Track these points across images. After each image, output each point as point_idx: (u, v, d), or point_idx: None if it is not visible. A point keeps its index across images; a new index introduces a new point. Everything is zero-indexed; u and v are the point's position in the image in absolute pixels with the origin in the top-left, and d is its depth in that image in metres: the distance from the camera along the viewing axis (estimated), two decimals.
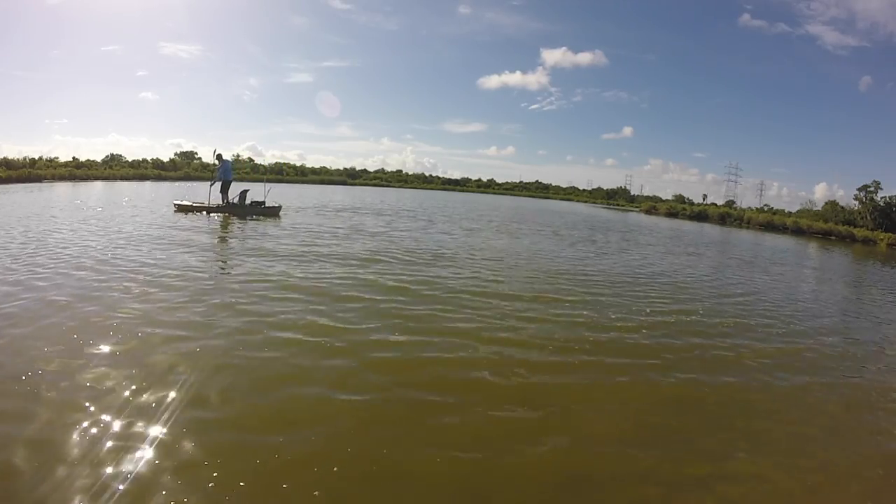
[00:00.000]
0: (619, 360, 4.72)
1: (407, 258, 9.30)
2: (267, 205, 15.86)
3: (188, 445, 2.83)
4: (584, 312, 6.28)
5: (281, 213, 16.08)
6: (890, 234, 32.87)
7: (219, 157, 15.55)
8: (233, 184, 15.85)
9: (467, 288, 7.09)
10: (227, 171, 15.58)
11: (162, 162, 49.29)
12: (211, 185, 15.71)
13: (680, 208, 50.96)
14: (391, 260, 8.96)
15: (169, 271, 6.79)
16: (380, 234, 12.97)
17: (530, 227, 19.98)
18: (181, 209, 14.99)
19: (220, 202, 15.35)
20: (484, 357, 4.51)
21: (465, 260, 9.68)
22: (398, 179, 73.04)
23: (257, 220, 14.35)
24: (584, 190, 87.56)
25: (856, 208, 40.69)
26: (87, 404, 3.16)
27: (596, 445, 3.27)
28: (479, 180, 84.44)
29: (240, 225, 13.09)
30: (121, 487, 2.44)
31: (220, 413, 3.23)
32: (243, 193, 15.60)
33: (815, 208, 47.25)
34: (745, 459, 3.24)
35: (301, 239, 10.80)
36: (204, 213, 14.89)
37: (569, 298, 6.97)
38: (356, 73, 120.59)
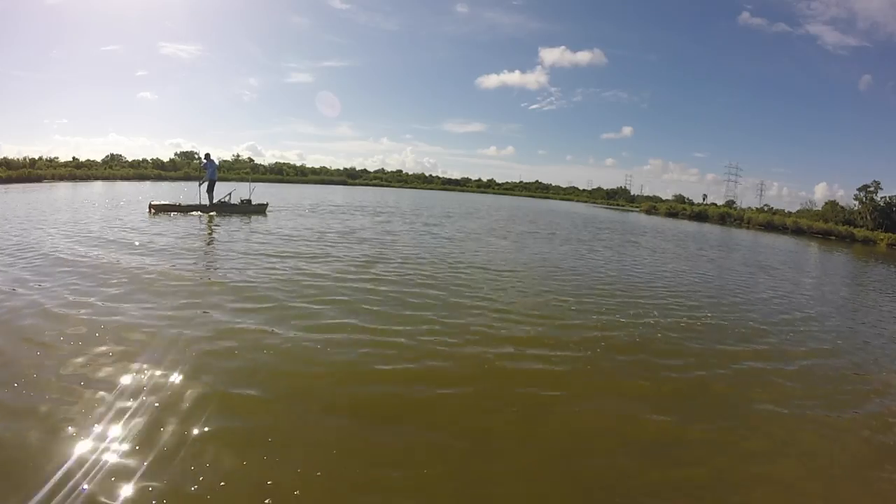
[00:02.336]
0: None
1: (403, 264, 9.24)
2: (252, 203, 16.42)
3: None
4: (607, 333, 5.68)
5: (268, 210, 16.55)
6: (890, 234, 32.85)
7: (207, 156, 16.00)
8: (217, 183, 16.02)
9: (473, 302, 6.79)
10: (212, 172, 15.81)
11: (162, 162, 49.26)
12: (200, 185, 15.87)
13: (680, 208, 50.92)
14: (389, 260, 8.97)
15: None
16: (374, 239, 12.85)
17: (534, 228, 19.91)
18: (158, 210, 14.38)
19: (207, 202, 15.63)
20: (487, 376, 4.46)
21: (470, 269, 9.42)
22: (398, 179, 72.98)
23: (245, 217, 14.73)
24: (584, 190, 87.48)
25: (856, 208, 40.71)
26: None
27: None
28: (479, 180, 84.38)
29: (227, 223, 13.12)
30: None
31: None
32: (230, 193, 16.10)
33: (815, 208, 47.27)
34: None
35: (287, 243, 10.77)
36: (180, 213, 14.57)
37: (583, 321, 6.07)
38: (356, 72, 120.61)
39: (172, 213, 14.36)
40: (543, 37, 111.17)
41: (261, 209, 16.27)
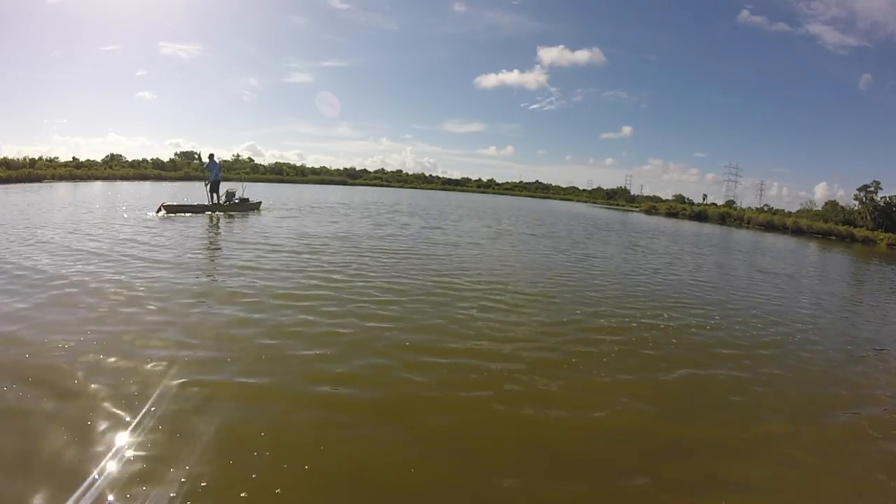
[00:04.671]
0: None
1: (405, 266, 9.18)
2: (248, 201, 17.55)
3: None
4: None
5: (262, 208, 17.78)
6: (890, 234, 32.92)
7: (211, 156, 16.19)
8: (219, 184, 16.33)
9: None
10: (216, 172, 15.99)
11: (162, 162, 49.23)
12: (206, 185, 16.06)
13: (680, 208, 50.95)
14: (388, 265, 8.93)
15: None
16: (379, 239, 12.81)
17: (539, 231, 19.77)
18: (169, 210, 14.40)
19: (210, 201, 15.93)
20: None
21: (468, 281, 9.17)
22: (398, 179, 72.98)
23: (243, 215, 15.59)
24: (584, 190, 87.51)
25: (856, 208, 40.79)
26: None
27: None
28: (479, 180, 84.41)
29: (226, 221, 13.41)
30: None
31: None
32: (228, 193, 16.81)
33: (815, 208, 47.35)
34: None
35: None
36: (191, 213, 14.97)
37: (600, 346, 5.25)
38: (355, 72, 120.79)
39: (183, 214, 14.60)
40: (542, 36, 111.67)
41: (255, 206, 17.47)
